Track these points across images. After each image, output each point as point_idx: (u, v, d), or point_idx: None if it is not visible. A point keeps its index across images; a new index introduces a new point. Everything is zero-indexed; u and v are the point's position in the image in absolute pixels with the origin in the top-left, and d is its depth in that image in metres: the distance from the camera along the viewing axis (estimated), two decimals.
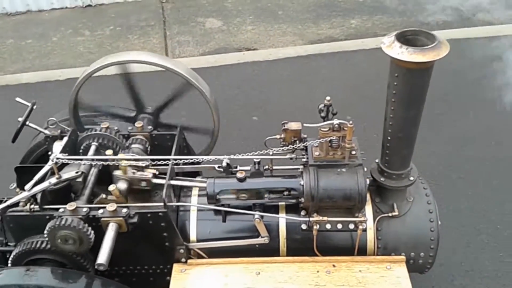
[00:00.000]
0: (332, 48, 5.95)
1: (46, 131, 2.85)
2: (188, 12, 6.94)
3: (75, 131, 2.74)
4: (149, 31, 6.58)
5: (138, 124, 2.82)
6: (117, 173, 2.46)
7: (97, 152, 2.65)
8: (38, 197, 2.38)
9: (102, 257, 2.15)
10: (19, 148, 3.06)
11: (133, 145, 2.72)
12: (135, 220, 2.34)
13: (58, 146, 2.61)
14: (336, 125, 2.35)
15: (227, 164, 2.52)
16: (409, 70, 2.13)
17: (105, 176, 2.61)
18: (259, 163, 2.57)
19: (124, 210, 2.32)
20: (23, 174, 2.68)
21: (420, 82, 2.18)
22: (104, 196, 2.41)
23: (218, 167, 2.55)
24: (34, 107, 2.89)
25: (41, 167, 2.51)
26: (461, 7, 6.43)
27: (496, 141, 4.49)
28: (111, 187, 2.36)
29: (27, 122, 2.85)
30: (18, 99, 2.92)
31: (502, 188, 4.08)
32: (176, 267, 2.54)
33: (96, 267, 2.16)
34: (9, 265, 2.44)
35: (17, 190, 2.50)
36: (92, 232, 2.28)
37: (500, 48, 5.29)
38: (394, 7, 6.80)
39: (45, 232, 2.24)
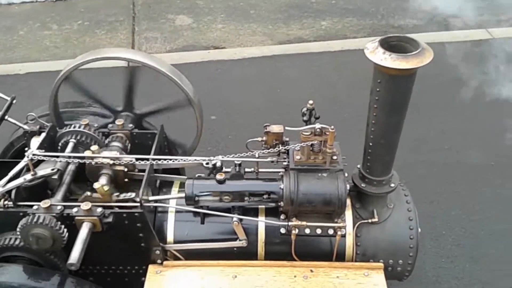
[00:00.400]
0: (298, 49, 5.96)
1: (25, 126, 2.80)
2: (159, 9, 6.90)
3: (53, 127, 2.69)
4: (117, 26, 6.54)
5: (119, 122, 2.78)
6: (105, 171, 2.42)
7: (75, 149, 2.60)
8: (12, 193, 2.33)
9: (74, 256, 2.10)
10: None
11: (112, 143, 2.68)
12: (110, 219, 2.29)
13: (35, 142, 2.55)
14: (318, 130, 2.33)
15: (220, 166, 2.48)
16: (392, 77, 2.12)
17: (82, 174, 2.57)
18: (240, 165, 2.54)
19: (99, 209, 2.28)
20: (1, 169, 2.63)
21: (403, 88, 2.16)
22: (89, 193, 2.36)
23: (206, 163, 2.50)
24: (14, 101, 2.83)
25: (18, 163, 2.46)
26: (433, 11, 6.35)
27: (449, 145, 4.53)
28: (96, 185, 2.31)
29: (6, 117, 2.79)
30: None
31: (449, 194, 4.11)
32: (151, 268, 2.50)
33: (67, 266, 2.11)
34: None
35: None
36: (66, 230, 2.23)
37: (470, 53, 5.47)
38: (365, 9, 6.84)
39: (18, 229, 2.19)
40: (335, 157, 2.42)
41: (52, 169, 2.39)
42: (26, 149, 2.50)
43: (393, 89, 2.16)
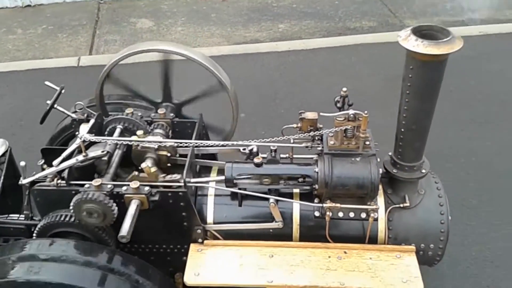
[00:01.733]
0: (246, 49, 6.14)
1: (73, 115, 2.99)
2: (123, 13, 7.17)
3: (101, 115, 2.87)
4: (79, 30, 6.80)
5: (161, 111, 2.95)
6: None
7: (121, 134, 2.77)
8: (65, 173, 2.50)
9: (125, 228, 2.26)
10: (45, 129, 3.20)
11: (155, 130, 2.85)
12: (156, 198, 2.45)
13: (84, 127, 2.73)
14: (352, 115, 2.45)
15: (256, 151, 2.61)
16: (424, 63, 2.22)
17: (128, 159, 2.74)
18: (275, 150, 2.67)
19: (146, 188, 2.44)
20: (49, 156, 2.81)
21: (434, 74, 2.27)
22: (136, 173, 2.52)
23: (243, 149, 2.64)
24: (63, 91, 3.03)
25: (66, 149, 2.64)
26: (389, 13, 6.85)
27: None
28: (143, 165, 2.47)
29: (55, 105, 2.99)
30: (47, 82, 3.06)
31: None
32: (193, 246, 2.64)
33: (118, 238, 2.27)
34: (34, 237, 2.57)
35: (44, 166, 2.62)
36: (116, 207, 2.39)
37: None
38: (325, 12, 7.07)
39: (71, 205, 2.36)
40: (367, 142, 2.53)
41: (102, 151, 2.57)
42: (76, 133, 2.68)
43: (425, 75, 2.27)
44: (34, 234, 2.54)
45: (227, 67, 2.97)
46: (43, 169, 2.59)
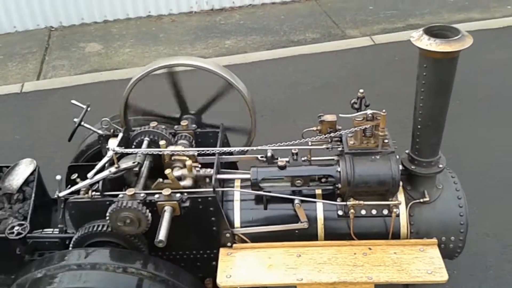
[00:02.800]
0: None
1: (100, 131, 3.12)
2: (73, 38, 7.36)
3: (127, 129, 2.99)
4: (29, 57, 6.93)
5: (184, 122, 3.07)
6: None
7: (148, 147, 2.89)
8: (99, 184, 2.62)
9: (162, 234, 2.36)
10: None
11: (180, 141, 2.97)
12: (187, 204, 2.56)
13: (113, 141, 2.85)
14: (370, 115, 2.57)
15: (272, 155, 2.73)
16: (436, 60, 2.35)
17: (156, 171, 2.85)
18: (297, 154, 2.78)
19: (178, 194, 2.55)
20: (75, 172, 2.93)
21: (447, 71, 2.39)
22: (161, 180, 2.63)
23: (261, 157, 2.76)
24: (89, 109, 3.16)
25: (93, 165, 2.75)
26: (333, 24, 7.26)
27: None
28: (167, 171, 2.59)
29: (82, 123, 3.12)
30: (73, 101, 3.20)
31: None
32: (222, 251, 2.74)
33: (156, 244, 2.37)
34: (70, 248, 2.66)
35: (78, 180, 2.73)
36: (150, 214, 2.50)
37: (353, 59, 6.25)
38: (270, 27, 7.34)
39: (108, 214, 2.47)
40: (386, 141, 2.64)
41: (133, 162, 2.68)
42: (106, 147, 2.80)
43: (438, 72, 2.39)
44: (71, 246, 2.64)
45: (160, 84, 3.13)
46: (76, 183, 2.70)
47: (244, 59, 6.47)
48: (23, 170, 3.19)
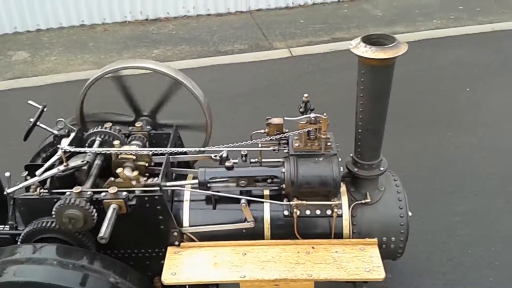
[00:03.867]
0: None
1: (55, 131, 3.16)
2: (2, 47, 7.45)
3: (81, 130, 3.04)
4: None
5: (138, 124, 3.13)
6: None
7: (100, 146, 2.94)
8: (48, 182, 2.66)
9: (104, 230, 2.42)
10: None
11: (133, 142, 3.03)
12: (133, 202, 2.62)
13: (65, 141, 2.90)
14: (313, 118, 2.67)
15: (226, 155, 2.80)
16: (373, 67, 2.47)
17: (107, 170, 2.90)
18: (246, 155, 2.87)
19: (124, 193, 2.61)
20: (32, 172, 2.97)
21: (383, 77, 2.51)
22: (113, 179, 2.69)
23: (215, 156, 2.84)
24: (45, 109, 3.20)
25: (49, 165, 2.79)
26: (262, 37, 7.57)
27: None
28: (118, 170, 2.64)
29: (38, 123, 3.16)
30: (30, 101, 3.24)
31: None
32: (170, 249, 2.80)
33: (98, 240, 2.42)
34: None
35: (28, 177, 2.77)
36: (95, 212, 2.55)
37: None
38: (201, 38, 7.58)
39: (54, 210, 2.51)
40: (329, 143, 2.75)
41: (82, 161, 2.73)
42: (58, 146, 2.85)
43: (375, 78, 2.51)
44: (19, 241, 2.68)
45: (75, 92, 3.21)
46: (25, 180, 2.74)
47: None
48: None
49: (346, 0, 8.68)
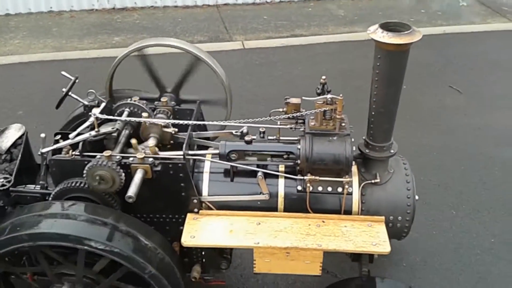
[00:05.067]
0: (57, 56, 6.86)
1: (85, 102, 3.37)
2: None
3: (110, 101, 3.25)
4: None
5: (163, 99, 3.33)
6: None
7: (128, 117, 3.14)
8: (80, 145, 2.86)
9: (132, 190, 2.61)
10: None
11: (158, 115, 3.22)
12: (159, 168, 2.81)
13: (96, 109, 3.10)
14: (329, 99, 2.84)
15: (247, 131, 2.98)
16: (389, 52, 2.64)
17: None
18: (264, 132, 3.05)
19: (151, 159, 2.80)
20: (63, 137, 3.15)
21: (398, 62, 2.68)
22: (142, 147, 2.88)
23: (235, 132, 3.02)
24: (77, 80, 3.41)
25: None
26: (224, 30, 7.80)
27: None
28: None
29: (70, 93, 3.37)
30: (63, 72, 3.45)
31: None
32: (189, 215, 2.99)
33: (126, 199, 2.61)
34: None
35: (61, 141, 2.97)
36: (124, 174, 2.75)
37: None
38: (163, 28, 7.81)
39: (85, 170, 2.71)
40: (343, 124, 2.92)
41: (112, 128, 2.93)
42: (89, 114, 3.05)
43: (391, 63, 2.68)
44: (50, 198, 2.88)
45: (32, 74, 3.36)
46: (57, 142, 2.95)
47: (116, 53, 6.82)
48: (12, 133, 3.43)
49: None
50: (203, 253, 3.12)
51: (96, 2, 8.37)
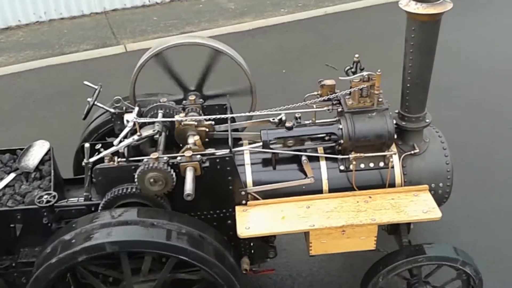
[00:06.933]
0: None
1: (112, 109, 3.33)
2: None
3: (141, 105, 3.22)
4: None
5: (191, 97, 3.32)
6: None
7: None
8: (125, 151, 2.84)
9: (188, 188, 2.61)
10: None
11: (190, 113, 3.21)
12: (207, 164, 2.81)
13: (130, 115, 3.07)
14: (366, 76, 2.89)
15: (285, 119, 3.00)
16: (423, 23, 2.70)
17: (168, 142, 3.08)
18: (300, 117, 3.08)
19: (198, 156, 2.80)
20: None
21: (432, 32, 2.75)
22: (188, 146, 2.86)
23: (273, 119, 3.04)
24: (101, 89, 3.37)
25: (105, 142, 2.95)
26: (111, 36, 7.70)
27: None
28: (191, 140, 2.84)
29: (95, 102, 3.32)
30: (86, 82, 3.40)
31: None
32: (238, 208, 3.00)
33: (184, 197, 2.60)
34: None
35: (101, 149, 2.93)
36: (174, 174, 2.74)
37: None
38: (48, 42, 7.65)
39: (136, 175, 2.69)
40: (380, 99, 2.97)
41: (154, 130, 2.92)
42: (126, 120, 3.02)
43: (425, 33, 2.74)
44: (100, 209, 2.84)
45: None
46: (99, 152, 2.91)
47: (9, 70, 6.94)
48: (38, 150, 3.37)
49: None
50: (251, 244, 3.14)
51: None
